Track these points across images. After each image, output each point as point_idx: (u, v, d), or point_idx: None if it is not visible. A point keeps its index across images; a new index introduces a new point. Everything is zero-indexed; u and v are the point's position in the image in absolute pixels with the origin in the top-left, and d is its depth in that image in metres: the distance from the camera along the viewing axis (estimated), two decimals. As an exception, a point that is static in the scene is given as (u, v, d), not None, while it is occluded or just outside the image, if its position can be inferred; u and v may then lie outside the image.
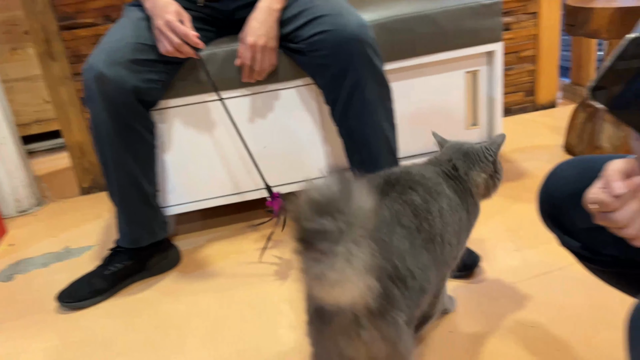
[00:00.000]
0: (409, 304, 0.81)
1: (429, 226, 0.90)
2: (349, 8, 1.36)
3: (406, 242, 0.85)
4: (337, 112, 1.37)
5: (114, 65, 1.28)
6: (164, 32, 1.29)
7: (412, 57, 1.57)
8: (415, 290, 0.83)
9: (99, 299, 1.41)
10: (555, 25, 2.21)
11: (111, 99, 1.29)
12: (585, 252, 0.74)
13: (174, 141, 1.54)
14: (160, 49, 1.32)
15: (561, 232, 0.77)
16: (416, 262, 0.84)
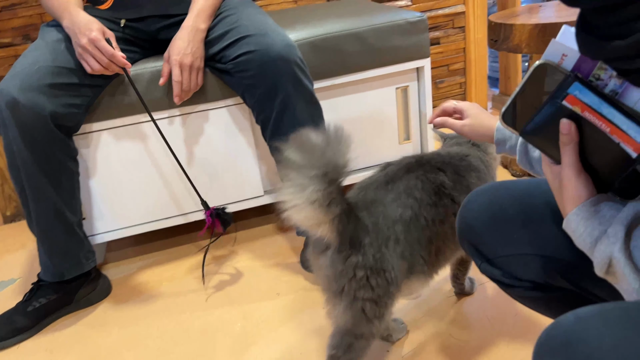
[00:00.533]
0: (376, 257, 0.89)
1: (451, 202, 0.98)
2: (274, 27, 1.35)
3: (408, 211, 0.93)
4: (268, 131, 1.35)
5: (29, 91, 1.21)
6: (89, 50, 1.24)
7: (342, 74, 1.57)
8: (394, 252, 0.91)
9: (21, 337, 1.33)
10: (482, 39, 2.28)
11: (27, 127, 1.22)
12: (505, 279, 0.75)
13: (100, 166, 1.47)
14: (86, 69, 1.27)
15: (480, 260, 0.78)
16: (407, 230, 0.92)
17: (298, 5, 2.06)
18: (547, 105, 0.57)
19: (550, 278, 0.70)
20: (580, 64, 0.55)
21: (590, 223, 0.55)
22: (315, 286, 1.41)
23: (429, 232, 0.95)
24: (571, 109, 0.55)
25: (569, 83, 0.54)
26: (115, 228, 1.55)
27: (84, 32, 1.24)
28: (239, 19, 1.38)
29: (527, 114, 0.59)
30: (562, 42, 0.56)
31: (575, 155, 0.56)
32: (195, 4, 1.37)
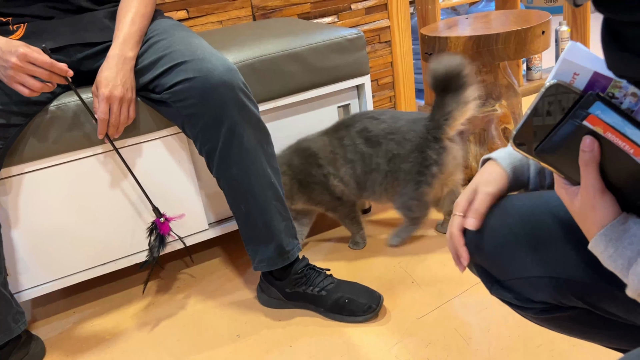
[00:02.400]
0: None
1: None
2: (212, 51, 1.26)
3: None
4: (215, 162, 1.26)
5: None
6: (23, 68, 1.09)
7: (284, 96, 1.51)
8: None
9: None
10: (408, 52, 2.31)
11: None
12: (517, 301, 0.72)
13: (22, 214, 1.31)
14: (23, 92, 1.12)
15: (490, 283, 0.75)
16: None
17: (224, 25, 1.98)
18: (565, 125, 0.54)
19: (563, 298, 0.68)
20: (594, 83, 0.53)
21: (620, 243, 0.53)
22: (278, 323, 1.32)
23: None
24: (592, 129, 0.52)
25: (589, 102, 0.52)
26: (43, 282, 1.38)
27: (9, 52, 1.10)
28: (172, 44, 1.28)
29: (540, 134, 0.56)
30: (573, 61, 0.53)
31: (598, 174, 0.53)
32: (120, 30, 1.26)
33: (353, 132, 1.46)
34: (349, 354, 1.18)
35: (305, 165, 1.48)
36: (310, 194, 1.50)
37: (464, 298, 1.30)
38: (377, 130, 1.44)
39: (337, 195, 1.49)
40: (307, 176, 1.48)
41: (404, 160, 1.42)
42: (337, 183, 1.48)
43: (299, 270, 1.33)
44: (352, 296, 1.29)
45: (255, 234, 1.30)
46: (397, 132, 1.43)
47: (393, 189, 1.46)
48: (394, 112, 1.49)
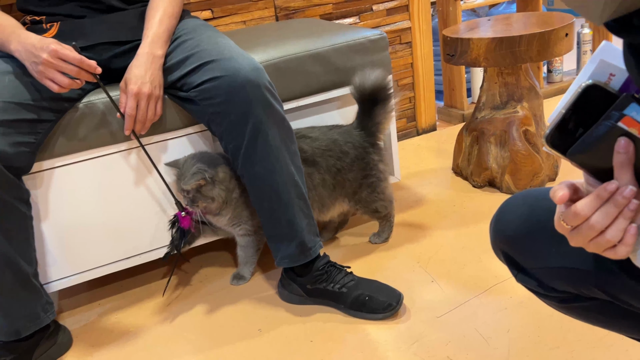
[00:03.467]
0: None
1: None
2: (238, 51, 1.29)
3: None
4: (239, 160, 1.28)
5: None
6: (53, 64, 1.12)
7: (306, 96, 1.53)
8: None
9: (-27, 408, 1.18)
10: (429, 53, 2.32)
11: None
12: (541, 289, 0.74)
13: (51, 208, 1.34)
14: (52, 87, 1.15)
15: (516, 270, 0.77)
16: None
17: (247, 25, 2.00)
18: (599, 126, 0.55)
19: (585, 289, 0.69)
20: (629, 84, 0.54)
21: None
22: (299, 318, 1.34)
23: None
24: (627, 130, 0.53)
25: (624, 104, 0.53)
26: (69, 274, 1.42)
27: (41, 48, 1.13)
28: (199, 43, 1.30)
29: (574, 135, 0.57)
30: (610, 61, 0.54)
31: (633, 176, 0.54)
32: (149, 29, 1.29)
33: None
34: (368, 351, 1.20)
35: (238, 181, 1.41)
36: (245, 210, 1.43)
37: (483, 298, 1.31)
38: (312, 150, 1.44)
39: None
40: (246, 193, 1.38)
41: (349, 171, 1.48)
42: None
43: (320, 267, 1.35)
44: (372, 294, 1.31)
45: (278, 231, 1.33)
46: (334, 147, 1.46)
47: (342, 199, 1.52)
48: (320, 128, 1.51)
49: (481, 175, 1.83)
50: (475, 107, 1.86)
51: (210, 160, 1.37)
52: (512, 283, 1.35)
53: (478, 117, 1.83)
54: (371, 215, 1.57)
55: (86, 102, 1.31)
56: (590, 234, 0.55)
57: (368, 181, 1.51)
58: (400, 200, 1.86)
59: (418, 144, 2.34)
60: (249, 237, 1.48)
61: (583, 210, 0.55)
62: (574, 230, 0.56)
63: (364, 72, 1.44)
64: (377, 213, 1.56)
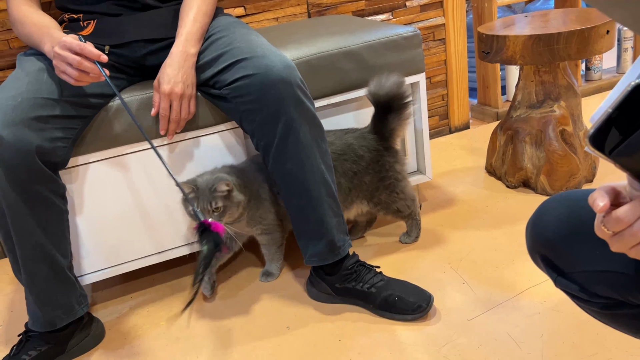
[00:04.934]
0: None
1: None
2: (271, 48, 1.29)
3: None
4: (270, 157, 1.28)
5: (13, 126, 1.11)
6: (62, 55, 1.11)
7: (338, 93, 1.52)
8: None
9: (9, 396, 1.21)
10: (463, 50, 2.28)
11: (11, 164, 1.11)
12: (582, 294, 0.71)
13: (86, 202, 1.37)
14: (68, 81, 1.14)
15: (556, 273, 0.74)
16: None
17: (279, 22, 2.00)
18: None
19: (631, 295, 0.66)
20: None
21: None
22: (327, 317, 1.34)
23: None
24: None
25: None
26: (102, 267, 1.44)
27: (56, 43, 1.14)
28: (232, 41, 1.31)
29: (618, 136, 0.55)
30: None
31: None
32: (183, 27, 1.30)
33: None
34: (397, 351, 1.19)
35: (259, 180, 1.43)
36: (257, 211, 1.43)
37: (515, 302, 1.28)
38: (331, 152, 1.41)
39: (281, 217, 1.47)
40: (261, 191, 1.43)
41: (365, 174, 1.48)
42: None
43: (349, 266, 1.34)
44: (402, 294, 1.29)
45: (307, 229, 1.32)
46: (349, 151, 1.45)
47: (360, 201, 1.51)
48: (334, 132, 1.49)
49: (515, 175, 1.79)
50: (511, 105, 1.82)
51: (221, 171, 1.38)
52: (546, 287, 1.31)
53: (513, 115, 1.79)
54: (394, 215, 1.56)
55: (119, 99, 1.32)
56: (633, 241, 0.53)
57: (385, 183, 1.50)
58: (431, 199, 1.83)
59: (450, 143, 2.30)
60: (268, 235, 1.48)
61: (626, 216, 0.52)
62: (615, 236, 0.54)
63: (380, 78, 1.42)
64: (400, 213, 1.55)
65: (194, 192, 1.32)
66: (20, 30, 1.27)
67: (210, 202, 1.31)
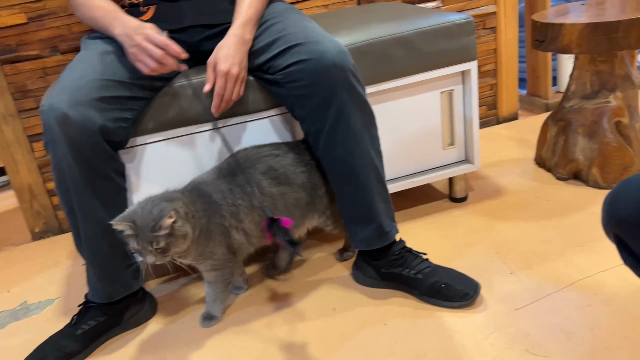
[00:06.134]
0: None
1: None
2: (324, 34, 1.30)
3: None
4: (320, 143, 1.30)
5: (79, 105, 1.16)
6: (144, 47, 1.18)
7: (387, 80, 1.53)
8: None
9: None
10: (514, 39, 2.24)
11: (77, 142, 1.16)
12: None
13: (142, 181, 1.42)
14: (143, 70, 1.21)
15: (626, 253, 0.73)
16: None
17: (329, 9, 2.01)
18: None
19: None
20: None
21: None
22: (372, 301, 1.36)
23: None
24: None
25: None
26: (156, 244, 1.49)
27: (137, 32, 1.20)
28: (286, 27, 1.32)
29: None
30: None
31: None
32: (240, 13, 1.32)
33: (257, 176, 1.30)
34: (443, 338, 1.19)
35: (209, 212, 1.26)
36: (206, 246, 1.26)
37: (565, 293, 1.27)
38: (283, 167, 1.33)
39: (233, 250, 1.32)
40: (210, 224, 1.25)
41: (323, 184, 1.39)
42: (238, 236, 1.31)
43: (396, 252, 1.35)
44: (448, 282, 1.29)
45: (356, 214, 1.34)
46: (304, 163, 1.36)
47: (312, 215, 1.41)
48: (286, 144, 1.39)
49: (566, 167, 1.75)
50: (564, 95, 1.79)
51: (165, 198, 1.19)
52: (597, 279, 1.29)
53: (566, 106, 1.75)
54: (341, 230, 1.46)
55: (179, 82, 1.37)
56: None
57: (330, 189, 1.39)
58: (479, 189, 1.82)
59: (498, 133, 2.27)
60: (217, 272, 1.31)
61: None
62: None
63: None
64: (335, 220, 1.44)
65: (131, 229, 1.14)
66: (85, 13, 1.32)
67: (151, 242, 1.13)
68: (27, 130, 1.85)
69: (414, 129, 1.63)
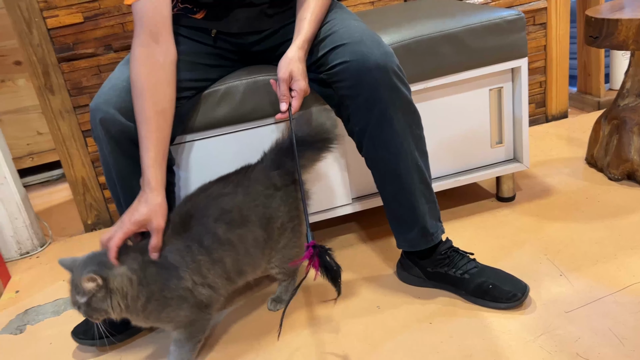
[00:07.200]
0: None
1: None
2: (369, 34, 1.28)
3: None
4: (364, 144, 1.29)
5: (122, 106, 1.20)
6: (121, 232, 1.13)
7: (435, 77, 1.51)
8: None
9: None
10: (565, 35, 2.18)
11: (120, 142, 1.21)
12: None
13: (191, 176, 1.46)
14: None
15: None
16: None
17: (375, 6, 2.01)
18: None
19: None
20: None
21: None
22: (417, 300, 1.35)
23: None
24: None
25: None
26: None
27: (124, 220, 1.14)
28: (333, 27, 1.32)
29: None
30: None
31: None
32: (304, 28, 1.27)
33: (210, 224, 1.18)
34: (490, 338, 1.18)
35: (163, 277, 1.14)
36: (161, 312, 1.15)
37: (618, 297, 1.23)
38: (235, 206, 1.21)
39: (203, 305, 1.19)
40: (164, 291, 1.14)
41: (278, 218, 1.27)
42: (205, 291, 1.19)
43: (443, 252, 1.34)
44: (496, 282, 1.28)
45: (399, 214, 1.33)
46: (256, 195, 1.24)
47: (281, 248, 1.30)
48: (235, 174, 1.28)
49: (619, 167, 1.70)
50: (618, 93, 1.73)
51: (104, 263, 1.10)
52: (652, 284, 1.25)
53: (620, 104, 1.70)
54: (281, 272, 1.34)
55: (227, 83, 1.39)
56: None
57: (292, 224, 1.30)
58: (527, 189, 1.78)
59: (547, 131, 2.22)
60: (186, 329, 1.20)
61: None
62: None
63: (310, 116, 1.28)
64: (286, 268, 1.33)
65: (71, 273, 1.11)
66: (134, 99, 1.19)
67: (75, 295, 1.09)
68: (82, 125, 1.92)
69: (461, 126, 1.61)
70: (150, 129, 1.16)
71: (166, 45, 1.20)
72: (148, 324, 1.17)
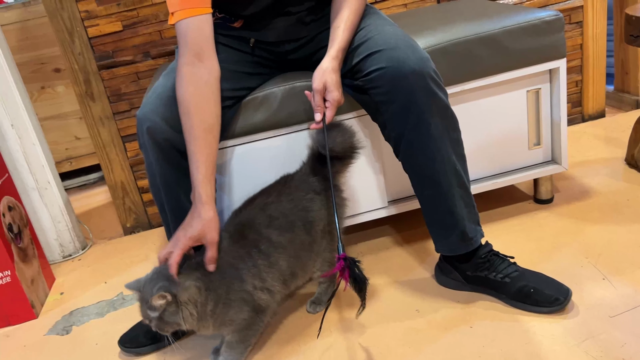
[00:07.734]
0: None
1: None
2: (404, 39, 1.27)
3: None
4: (401, 149, 1.30)
5: (168, 114, 1.22)
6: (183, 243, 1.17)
7: (472, 79, 1.51)
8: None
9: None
10: (602, 34, 2.14)
11: (165, 150, 1.24)
12: None
13: (234, 181, 1.48)
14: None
15: None
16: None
17: (408, 8, 2.00)
18: None
19: None
20: None
21: None
22: (457, 304, 1.35)
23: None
24: None
25: None
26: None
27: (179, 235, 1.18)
28: (368, 33, 1.32)
29: None
30: None
31: None
32: (338, 35, 1.28)
33: (262, 230, 1.23)
34: (533, 342, 1.17)
35: (228, 280, 1.20)
36: (226, 315, 1.20)
37: (664, 302, 1.21)
38: (280, 213, 1.26)
39: (260, 309, 1.23)
40: (230, 293, 1.19)
41: (319, 218, 1.30)
42: (264, 296, 1.23)
43: (482, 255, 1.33)
44: (537, 286, 1.27)
45: (438, 219, 1.33)
46: (299, 202, 1.28)
47: (322, 251, 1.33)
48: (271, 188, 1.32)
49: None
50: (659, 93, 1.69)
51: (169, 277, 1.14)
52: (700, 288, 1.23)
53: (662, 104, 1.66)
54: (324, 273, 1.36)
55: (265, 90, 1.41)
56: None
57: (331, 228, 1.33)
58: (565, 190, 1.76)
59: (584, 131, 2.18)
60: (241, 333, 1.24)
61: None
62: None
63: (333, 134, 1.28)
64: (331, 266, 1.34)
65: (138, 295, 1.17)
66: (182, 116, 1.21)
67: (146, 310, 1.14)
68: (121, 131, 1.97)
69: (499, 128, 1.60)
70: (199, 145, 1.18)
71: (210, 63, 1.22)
72: (214, 330, 1.21)
